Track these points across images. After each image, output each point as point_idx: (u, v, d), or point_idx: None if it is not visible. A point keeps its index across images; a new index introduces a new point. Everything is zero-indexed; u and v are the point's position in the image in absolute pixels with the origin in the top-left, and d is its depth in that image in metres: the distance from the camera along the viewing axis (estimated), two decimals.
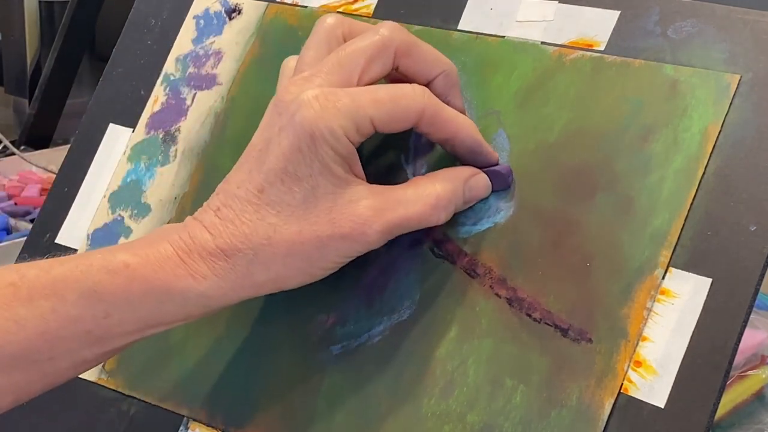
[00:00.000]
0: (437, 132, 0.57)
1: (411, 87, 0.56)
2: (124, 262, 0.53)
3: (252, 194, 0.54)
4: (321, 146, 0.53)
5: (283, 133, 0.54)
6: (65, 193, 0.71)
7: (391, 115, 0.55)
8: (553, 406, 0.54)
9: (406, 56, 0.57)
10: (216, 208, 0.55)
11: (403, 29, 0.57)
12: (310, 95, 0.54)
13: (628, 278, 0.54)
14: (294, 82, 0.55)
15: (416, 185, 0.56)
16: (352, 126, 0.54)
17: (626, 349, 0.53)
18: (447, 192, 0.56)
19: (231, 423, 0.60)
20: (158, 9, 0.73)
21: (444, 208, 0.56)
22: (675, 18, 0.58)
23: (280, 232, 0.54)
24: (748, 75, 0.56)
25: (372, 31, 0.57)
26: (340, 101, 0.54)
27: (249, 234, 0.54)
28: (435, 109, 0.56)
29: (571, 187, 0.57)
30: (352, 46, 0.56)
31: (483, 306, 0.57)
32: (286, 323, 0.61)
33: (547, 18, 0.61)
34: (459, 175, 0.57)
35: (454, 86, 0.59)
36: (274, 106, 0.55)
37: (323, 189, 0.54)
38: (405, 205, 0.55)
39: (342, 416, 0.58)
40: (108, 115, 0.71)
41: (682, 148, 0.56)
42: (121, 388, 0.64)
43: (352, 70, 0.55)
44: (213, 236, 0.54)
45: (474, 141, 0.58)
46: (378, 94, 0.55)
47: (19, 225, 1.33)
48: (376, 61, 0.56)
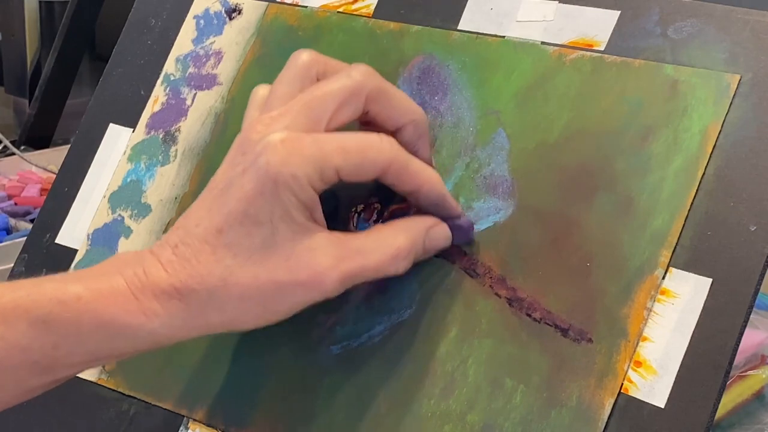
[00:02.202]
0: (402, 184, 0.56)
1: (379, 138, 0.55)
2: (76, 294, 0.52)
3: (211, 234, 0.53)
4: (283, 192, 0.52)
5: (246, 175, 0.53)
6: (65, 193, 0.71)
7: (356, 166, 0.54)
8: (553, 406, 0.54)
9: (376, 102, 0.56)
10: (174, 245, 0.54)
11: (375, 74, 0.57)
12: (277, 139, 0.53)
13: (628, 278, 0.54)
14: (261, 121, 0.54)
15: (377, 234, 0.56)
16: (316, 174, 0.53)
17: (626, 349, 0.53)
18: (407, 243, 0.55)
19: (231, 423, 0.60)
20: (158, 9, 0.73)
21: (404, 259, 0.56)
22: (675, 18, 0.58)
23: (236, 275, 0.53)
24: (748, 75, 0.56)
25: (344, 74, 0.56)
26: (306, 148, 0.53)
27: (205, 275, 0.53)
28: (402, 163, 0.55)
29: (571, 187, 0.57)
30: (323, 88, 0.55)
31: (483, 306, 0.57)
32: (287, 323, 0.61)
33: (547, 18, 0.61)
34: (420, 225, 0.57)
35: (422, 136, 0.58)
36: (239, 144, 0.55)
37: (283, 235, 0.53)
38: (364, 255, 0.54)
39: (342, 416, 0.58)
40: (108, 115, 0.71)
41: (682, 148, 0.56)
42: (121, 388, 0.64)
43: (322, 113, 0.55)
44: (168, 274, 0.53)
45: (438, 195, 0.57)
46: (345, 143, 0.54)
47: (19, 225, 1.33)
48: (346, 106, 0.55)
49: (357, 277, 0.54)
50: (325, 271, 0.53)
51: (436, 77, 0.63)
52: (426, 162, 0.58)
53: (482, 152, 0.60)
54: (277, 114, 0.55)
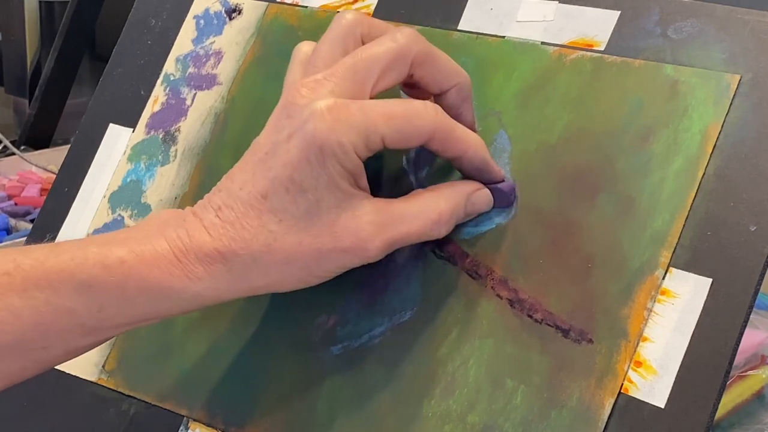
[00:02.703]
0: (446, 151, 0.56)
1: (424, 105, 0.55)
2: (120, 258, 0.53)
3: (255, 198, 0.54)
4: (329, 160, 0.53)
5: (292, 140, 0.53)
6: (65, 193, 0.71)
7: (402, 134, 0.54)
8: (554, 407, 0.54)
9: (422, 66, 0.56)
10: (217, 207, 0.54)
11: (420, 37, 0.56)
12: (323, 106, 0.53)
13: (629, 278, 0.54)
14: (306, 85, 0.54)
15: (419, 199, 0.56)
16: (362, 142, 0.53)
17: (626, 350, 0.53)
18: (449, 207, 0.56)
19: (231, 423, 0.60)
20: (158, 9, 0.73)
21: (446, 224, 0.56)
22: (675, 18, 0.58)
23: (280, 241, 0.53)
24: (748, 75, 0.56)
25: (389, 38, 0.56)
26: (352, 116, 0.53)
27: (249, 239, 0.53)
28: (446, 129, 0.56)
29: (571, 188, 0.57)
30: (368, 51, 0.55)
31: (484, 307, 0.57)
32: (287, 323, 0.61)
33: (547, 18, 0.61)
34: (462, 190, 0.57)
35: (466, 99, 0.58)
36: (283, 107, 0.55)
37: (327, 202, 0.53)
38: (407, 221, 0.55)
39: (342, 416, 0.58)
40: (108, 115, 0.71)
41: (683, 149, 0.56)
42: (121, 388, 0.64)
43: (367, 78, 0.55)
44: (212, 238, 0.53)
45: (481, 160, 0.57)
46: (391, 111, 0.54)
47: (19, 225, 1.33)
48: (391, 69, 0.55)
49: (400, 243, 0.55)
50: (368, 237, 0.54)
51: None
52: (469, 125, 0.58)
53: None
54: (321, 77, 0.54)
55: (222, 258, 0.53)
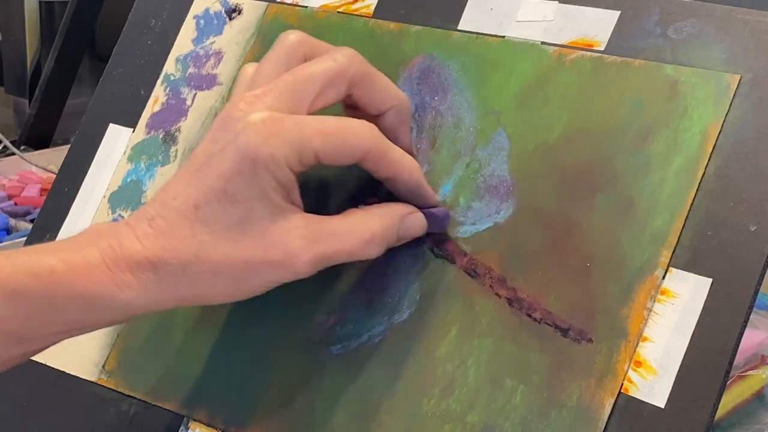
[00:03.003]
0: (380, 171, 0.56)
1: (360, 124, 0.55)
2: (49, 266, 0.53)
3: (188, 209, 0.54)
4: (262, 173, 0.53)
5: (226, 152, 0.53)
6: (65, 193, 0.71)
7: (336, 150, 0.54)
8: (553, 406, 0.54)
9: (359, 86, 0.57)
10: (150, 218, 0.54)
11: (360, 58, 0.57)
12: (258, 119, 0.53)
13: (629, 278, 0.54)
14: (244, 99, 0.55)
15: (352, 218, 0.56)
16: (295, 156, 0.53)
17: (626, 349, 0.53)
18: (382, 229, 0.56)
19: (231, 423, 0.60)
20: (158, 9, 0.73)
21: (377, 245, 0.56)
22: (675, 18, 0.58)
23: (210, 251, 0.53)
24: (748, 75, 0.56)
25: (329, 57, 0.56)
26: (286, 129, 0.53)
27: (179, 249, 0.53)
28: (381, 150, 0.56)
29: (571, 188, 0.57)
30: (307, 69, 0.56)
31: (483, 306, 0.57)
32: (286, 323, 0.61)
33: (547, 18, 0.61)
34: (396, 212, 0.57)
35: (403, 122, 0.59)
36: (221, 120, 0.55)
37: (259, 214, 0.53)
38: (338, 238, 0.55)
39: (342, 416, 0.58)
40: (108, 115, 0.71)
41: (682, 149, 0.56)
42: (121, 388, 0.64)
43: (305, 95, 0.55)
44: (143, 247, 0.53)
45: (415, 183, 0.57)
46: (326, 127, 0.54)
47: (19, 225, 1.33)
48: (329, 88, 0.56)
49: (329, 260, 0.55)
50: (297, 251, 0.54)
51: (436, 77, 0.63)
52: (406, 148, 0.58)
53: (482, 152, 0.60)
54: (260, 92, 0.55)
55: (152, 266, 0.53)
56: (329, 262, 0.55)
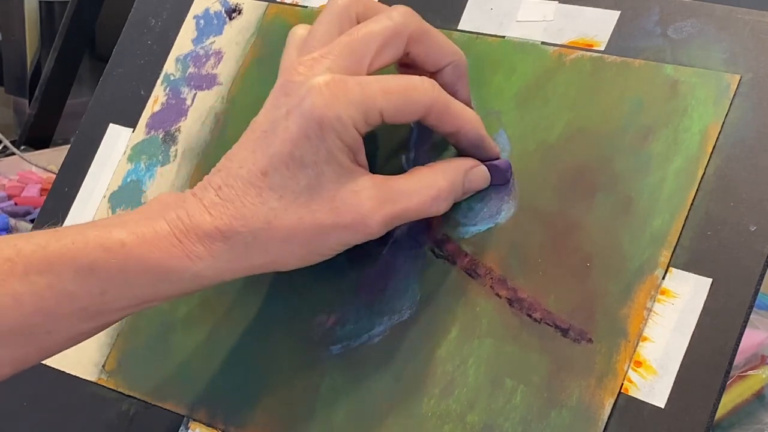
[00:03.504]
0: (443, 126, 0.57)
1: (421, 80, 0.55)
2: (120, 240, 0.53)
3: (255, 176, 0.54)
4: (329, 135, 0.53)
5: (291, 117, 0.53)
6: (65, 193, 0.71)
7: (400, 108, 0.54)
8: (553, 406, 0.54)
9: (417, 44, 0.57)
10: (217, 187, 0.54)
11: (416, 15, 0.57)
12: (321, 81, 0.53)
13: (628, 278, 0.54)
14: (303, 63, 0.55)
15: (418, 176, 0.56)
16: (360, 116, 0.53)
17: (626, 349, 0.53)
18: (448, 183, 0.56)
19: (231, 423, 0.60)
20: (158, 9, 0.73)
21: (444, 200, 0.56)
22: (675, 18, 0.58)
23: (280, 218, 0.53)
24: (749, 75, 0.56)
25: (385, 16, 0.56)
26: (350, 91, 0.53)
27: (249, 217, 0.53)
28: (443, 104, 0.56)
29: (571, 188, 0.57)
30: (364, 29, 0.56)
31: (483, 306, 0.57)
32: (287, 323, 0.61)
33: (547, 18, 0.61)
34: (459, 166, 0.57)
35: (462, 77, 0.59)
36: (281, 86, 0.55)
37: (327, 177, 0.54)
38: (407, 197, 0.55)
39: (342, 416, 0.58)
40: (108, 115, 0.71)
41: (682, 148, 0.56)
42: (121, 388, 0.64)
43: (364, 55, 0.55)
44: (212, 217, 0.53)
45: (477, 136, 0.58)
46: (388, 85, 0.54)
47: (19, 225, 1.33)
48: (388, 47, 0.56)
49: (400, 219, 0.55)
50: (368, 213, 0.54)
51: None
52: (465, 102, 0.58)
53: None
54: (318, 55, 0.55)
55: (222, 236, 0.53)
56: (399, 220, 0.55)
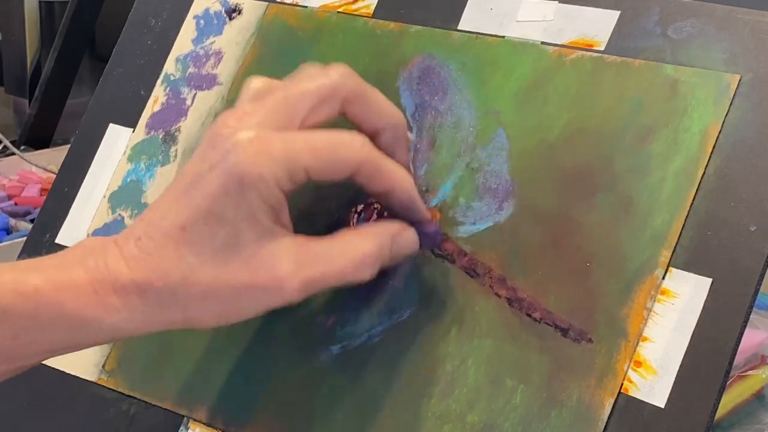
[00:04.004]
0: (373, 185, 0.54)
1: (350, 137, 0.53)
2: (35, 286, 0.52)
3: (175, 229, 0.52)
4: (249, 193, 0.51)
5: (213, 171, 0.52)
6: (65, 193, 0.71)
7: (327, 166, 0.53)
8: (553, 406, 0.54)
9: (353, 104, 0.55)
10: (137, 237, 0.53)
11: (354, 75, 0.55)
12: (246, 138, 0.52)
13: (628, 278, 0.54)
14: (234, 115, 0.53)
15: (343, 239, 0.54)
16: (284, 175, 0.52)
17: (626, 349, 0.53)
18: (374, 249, 0.54)
19: (231, 423, 0.60)
20: (158, 9, 0.73)
21: (369, 266, 0.54)
22: (675, 18, 0.58)
23: (197, 274, 0.52)
24: (749, 75, 0.56)
25: (323, 73, 0.55)
26: (275, 148, 0.52)
27: (166, 271, 0.52)
28: (373, 163, 0.54)
29: (571, 187, 0.57)
30: (299, 86, 0.54)
31: (483, 306, 0.57)
32: (286, 323, 0.61)
33: (547, 18, 0.61)
34: (387, 230, 0.55)
35: (400, 140, 0.57)
36: (210, 137, 0.53)
37: (246, 236, 0.52)
38: (328, 261, 0.53)
39: (342, 416, 0.58)
40: (108, 115, 0.71)
41: (682, 149, 0.56)
42: (121, 388, 0.64)
43: (296, 112, 0.53)
44: (130, 268, 0.52)
45: (409, 198, 0.55)
46: (315, 142, 0.53)
47: (19, 225, 1.33)
48: (322, 105, 0.54)
49: (319, 283, 0.53)
50: (285, 276, 0.52)
51: (436, 77, 0.63)
52: (404, 166, 0.56)
53: (482, 152, 0.60)
54: (250, 108, 0.54)
55: (138, 289, 0.52)
56: (319, 285, 0.53)
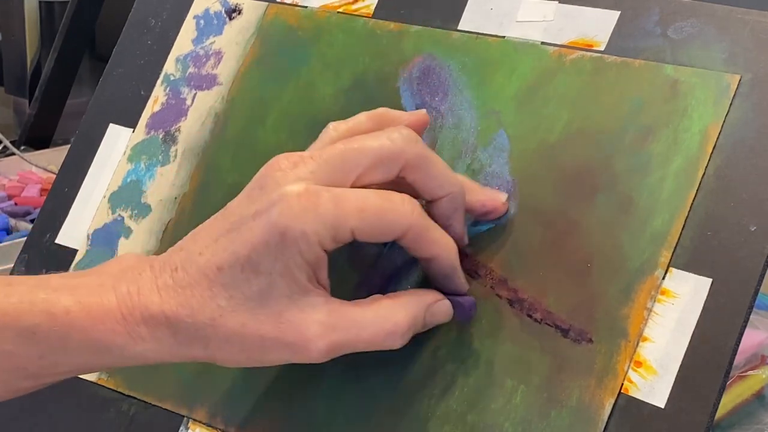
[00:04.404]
0: (418, 250, 0.54)
1: (401, 200, 0.53)
2: (65, 308, 0.52)
3: (211, 269, 0.52)
4: (289, 248, 0.51)
5: (257, 219, 0.51)
6: (65, 193, 0.71)
7: (374, 228, 0.52)
8: (554, 406, 0.54)
9: (414, 171, 0.54)
10: (174, 268, 0.53)
11: (419, 141, 0.54)
12: (294, 191, 0.51)
13: (629, 278, 0.54)
14: (290, 158, 0.53)
15: (377, 307, 0.53)
16: (328, 234, 0.51)
17: (626, 349, 0.53)
18: (407, 320, 0.53)
19: (231, 423, 0.60)
20: (158, 9, 0.73)
21: (401, 336, 0.53)
22: (675, 18, 0.58)
23: (225, 318, 0.52)
24: (748, 75, 0.56)
25: (386, 134, 0.54)
26: (322, 206, 0.51)
27: (196, 309, 0.52)
28: (420, 229, 0.53)
29: (571, 188, 0.57)
30: (361, 142, 0.53)
31: (484, 306, 0.57)
32: None
33: (547, 18, 0.61)
34: (422, 300, 0.55)
35: (457, 210, 0.55)
36: (262, 175, 0.53)
37: (279, 291, 0.52)
38: (359, 327, 0.52)
39: (342, 416, 0.58)
40: (108, 115, 0.71)
41: (682, 149, 0.56)
42: (121, 388, 0.64)
43: (351, 169, 0.52)
44: (161, 299, 0.52)
45: (451, 267, 0.55)
46: (365, 203, 0.52)
47: (19, 225, 1.33)
48: (379, 167, 0.53)
49: (347, 348, 0.53)
50: (313, 338, 0.52)
51: (436, 77, 0.63)
52: (458, 237, 0.55)
53: (483, 153, 0.60)
54: (307, 155, 0.53)
55: (168, 322, 0.52)
56: (346, 350, 0.53)
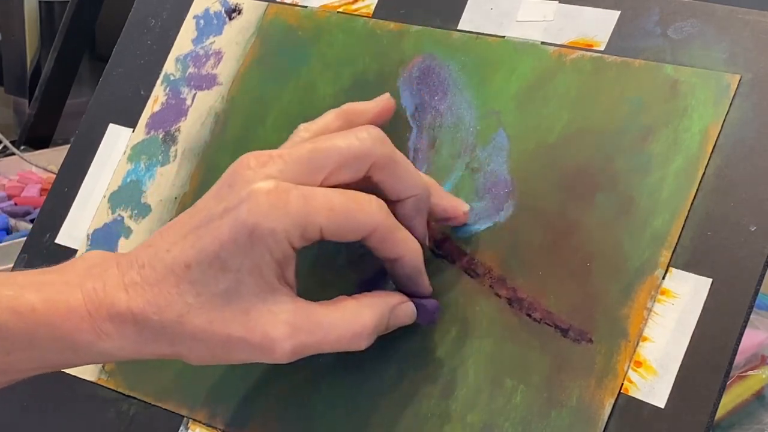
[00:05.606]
0: (383, 251, 0.54)
1: (369, 200, 0.53)
2: (31, 305, 0.52)
3: (178, 265, 0.52)
4: (258, 246, 0.51)
5: (225, 217, 0.51)
6: (65, 193, 0.71)
7: (341, 227, 0.52)
8: (553, 406, 0.54)
9: (382, 171, 0.54)
10: (141, 265, 0.53)
11: (387, 141, 0.54)
12: (263, 188, 0.51)
13: (629, 278, 0.54)
14: (258, 157, 0.53)
15: (343, 308, 0.53)
16: (297, 232, 0.51)
17: (626, 349, 0.53)
18: (374, 321, 0.54)
19: (231, 423, 0.60)
20: (158, 9, 0.73)
21: (367, 338, 0.54)
22: (675, 18, 0.58)
23: (192, 315, 0.52)
24: (749, 75, 0.56)
25: (354, 134, 0.54)
26: (291, 203, 0.51)
27: (163, 306, 0.52)
28: (387, 230, 0.53)
29: (571, 187, 0.57)
30: (330, 142, 0.54)
31: (483, 306, 0.57)
32: None
33: (547, 18, 0.61)
34: (387, 301, 0.55)
35: (421, 211, 0.56)
36: (230, 174, 0.53)
37: (247, 288, 0.51)
38: (325, 329, 0.52)
39: (342, 416, 0.58)
40: (108, 115, 0.71)
41: (683, 149, 0.56)
42: (121, 388, 0.64)
43: (319, 169, 0.53)
44: (128, 296, 0.52)
45: (415, 269, 0.55)
46: (334, 201, 0.52)
47: (19, 225, 1.33)
48: (347, 167, 0.53)
49: (313, 350, 0.53)
50: (278, 338, 0.52)
51: (436, 77, 0.63)
52: (420, 238, 0.56)
53: (482, 152, 0.60)
54: (276, 154, 0.53)
55: (134, 319, 0.52)
56: (312, 351, 0.53)
